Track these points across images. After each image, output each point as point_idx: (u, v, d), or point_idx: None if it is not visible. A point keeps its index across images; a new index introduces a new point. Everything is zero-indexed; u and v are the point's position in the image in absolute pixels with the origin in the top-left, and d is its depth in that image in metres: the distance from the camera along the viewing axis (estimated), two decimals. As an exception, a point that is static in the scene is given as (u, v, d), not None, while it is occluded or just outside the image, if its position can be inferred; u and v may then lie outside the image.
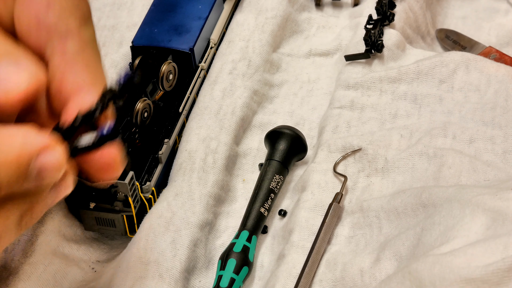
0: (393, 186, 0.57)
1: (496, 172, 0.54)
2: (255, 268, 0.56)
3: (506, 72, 0.62)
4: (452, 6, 0.76)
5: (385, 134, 0.60)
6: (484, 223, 0.46)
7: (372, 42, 0.64)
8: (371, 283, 0.50)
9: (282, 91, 0.68)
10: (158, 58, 0.61)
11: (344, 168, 0.59)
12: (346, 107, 0.62)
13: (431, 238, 0.48)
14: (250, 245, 0.55)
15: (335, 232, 0.56)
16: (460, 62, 0.63)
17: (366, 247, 0.53)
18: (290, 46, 0.71)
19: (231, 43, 0.68)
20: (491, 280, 0.41)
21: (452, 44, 0.71)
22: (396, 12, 0.69)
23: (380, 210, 0.54)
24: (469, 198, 0.48)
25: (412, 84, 0.63)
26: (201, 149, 0.60)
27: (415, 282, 0.44)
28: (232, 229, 0.58)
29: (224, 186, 0.60)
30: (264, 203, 0.57)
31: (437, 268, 0.43)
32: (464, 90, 0.62)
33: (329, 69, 0.69)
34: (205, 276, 0.55)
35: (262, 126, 0.65)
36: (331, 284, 0.52)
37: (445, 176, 0.55)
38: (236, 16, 0.70)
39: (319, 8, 0.75)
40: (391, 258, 0.50)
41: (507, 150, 0.57)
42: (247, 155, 0.63)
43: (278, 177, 0.58)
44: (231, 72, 0.65)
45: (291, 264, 0.53)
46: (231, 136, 0.61)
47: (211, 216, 0.58)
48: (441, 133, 0.58)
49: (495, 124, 0.59)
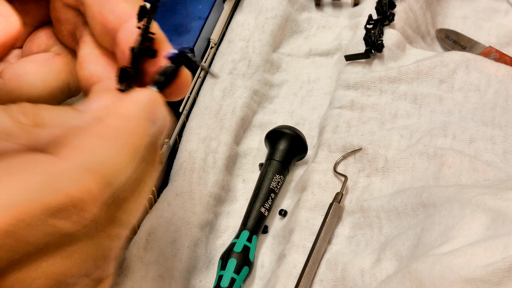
0: (393, 185, 0.57)
1: (496, 172, 0.54)
2: (256, 268, 0.56)
3: (506, 72, 0.62)
4: (452, 6, 0.76)
5: (385, 134, 0.60)
6: (484, 223, 0.46)
7: (372, 42, 0.64)
8: (371, 283, 0.50)
9: (282, 91, 0.68)
10: None
11: (344, 168, 0.59)
12: (346, 107, 0.62)
13: (431, 238, 0.48)
14: (251, 245, 0.55)
15: (336, 232, 0.56)
16: (460, 62, 0.63)
17: (366, 247, 0.53)
18: (290, 46, 0.71)
19: (231, 43, 0.68)
20: (491, 280, 0.41)
21: (452, 44, 0.71)
22: (396, 12, 0.69)
23: (380, 210, 0.54)
24: (469, 198, 0.48)
25: (412, 84, 0.63)
26: (201, 149, 0.60)
27: (415, 282, 0.44)
28: (232, 229, 0.58)
29: (224, 186, 0.60)
30: (264, 203, 0.57)
31: (437, 268, 0.43)
32: (464, 90, 0.62)
33: (329, 69, 0.69)
34: (205, 276, 0.55)
35: (262, 126, 0.65)
36: (331, 284, 0.52)
37: (445, 176, 0.55)
38: (236, 16, 0.70)
39: (319, 8, 0.75)
40: (391, 258, 0.50)
41: (507, 150, 0.57)
42: (247, 155, 0.63)
43: (279, 177, 0.59)
44: (231, 72, 0.65)
45: (291, 264, 0.53)
46: (231, 136, 0.61)
47: (211, 216, 0.58)
48: (441, 133, 0.58)
49: (495, 124, 0.59)
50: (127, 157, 0.35)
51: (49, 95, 0.47)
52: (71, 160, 0.33)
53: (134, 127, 0.35)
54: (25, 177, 0.31)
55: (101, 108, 0.37)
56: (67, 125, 0.35)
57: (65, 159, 0.33)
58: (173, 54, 0.38)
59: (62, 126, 0.35)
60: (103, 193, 0.33)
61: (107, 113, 0.35)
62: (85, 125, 0.35)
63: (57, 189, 0.32)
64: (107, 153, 0.34)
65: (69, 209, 0.32)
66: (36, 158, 0.33)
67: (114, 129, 0.35)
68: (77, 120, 0.36)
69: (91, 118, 0.36)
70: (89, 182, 0.33)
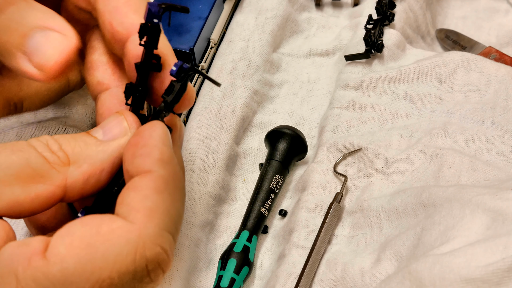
0: (393, 185, 0.57)
1: (496, 172, 0.55)
2: (256, 268, 0.56)
3: (506, 72, 0.62)
4: (452, 6, 0.76)
5: (385, 134, 0.60)
6: (484, 223, 0.46)
7: (372, 42, 0.64)
8: (371, 283, 0.50)
9: (282, 91, 0.68)
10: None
11: (344, 168, 0.59)
12: (346, 107, 0.62)
13: (431, 238, 0.48)
14: (251, 245, 0.55)
15: (336, 232, 0.56)
16: (460, 62, 0.63)
17: (366, 247, 0.53)
18: (290, 46, 0.71)
19: (231, 43, 0.68)
20: (491, 280, 0.41)
21: (452, 44, 0.71)
22: (396, 12, 0.69)
23: (380, 210, 0.54)
24: (469, 198, 0.48)
25: (412, 84, 0.63)
26: (201, 149, 0.60)
27: (415, 282, 0.44)
28: (232, 229, 0.58)
29: (224, 186, 0.60)
30: (264, 203, 0.57)
31: (437, 268, 0.43)
32: (464, 90, 0.62)
33: (329, 69, 0.69)
34: (205, 276, 0.55)
35: (262, 126, 0.65)
36: (331, 284, 0.52)
37: (445, 176, 0.55)
38: (236, 16, 0.70)
39: (319, 8, 0.75)
40: (391, 258, 0.50)
41: (507, 150, 0.57)
42: (247, 155, 0.63)
43: (279, 177, 0.59)
44: (231, 72, 0.65)
45: (291, 264, 0.53)
46: (231, 136, 0.61)
47: (211, 216, 0.58)
48: (441, 133, 0.58)
49: (495, 124, 0.59)
50: (182, 203, 0.36)
51: (48, 90, 0.47)
52: (147, 225, 0.34)
53: (175, 170, 0.36)
54: (108, 245, 0.33)
55: (121, 141, 0.37)
56: (94, 159, 0.35)
57: (140, 225, 0.34)
58: (176, 71, 0.37)
59: (89, 160, 0.35)
60: (174, 246, 0.35)
61: (148, 162, 0.35)
62: (130, 170, 0.35)
63: (138, 254, 0.33)
64: (173, 207, 0.34)
65: (152, 270, 0.34)
66: (113, 225, 0.33)
67: (167, 180, 0.35)
68: (101, 152, 0.36)
69: (116, 150, 0.36)
70: (163, 242, 0.34)
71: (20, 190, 0.34)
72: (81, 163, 0.35)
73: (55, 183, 0.35)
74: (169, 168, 0.35)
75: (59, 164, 0.35)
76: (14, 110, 0.47)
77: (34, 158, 0.34)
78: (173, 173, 0.35)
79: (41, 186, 0.34)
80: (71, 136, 0.36)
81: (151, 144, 0.35)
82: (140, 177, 0.35)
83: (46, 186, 0.34)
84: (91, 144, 0.36)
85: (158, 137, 0.36)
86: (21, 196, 0.34)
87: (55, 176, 0.35)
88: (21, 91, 0.46)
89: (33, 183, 0.34)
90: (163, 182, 0.34)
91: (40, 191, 0.34)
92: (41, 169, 0.34)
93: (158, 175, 0.34)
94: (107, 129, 0.38)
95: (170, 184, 0.35)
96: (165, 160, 0.35)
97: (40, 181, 0.34)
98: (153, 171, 0.34)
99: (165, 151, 0.35)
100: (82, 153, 0.36)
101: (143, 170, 0.35)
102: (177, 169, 0.36)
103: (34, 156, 0.34)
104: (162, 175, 0.35)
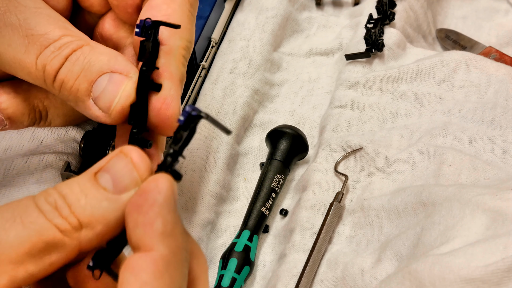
0: (394, 184, 0.57)
1: (496, 171, 0.55)
2: (257, 267, 0.56)
3: (506, 72, 0.62)
4: (452, 6, 0.76)
5: (385, 134, 0.60)
6: (484, 223, 0.46)
7: (373, 41, 0.64)
8: (371, 283, 0.50)
9: (282, 90, 0.68)
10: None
11: (345, 167, 0.59)
12: (347, 106, 0.63)
13: (431, 237, 0.48)
14: (252, 245, 0.55)
15: (336, 232, 0.56)
16: (461, 62, 0.63)
17: (367, 246, 0.53)
18: (291, 45, 0.71)
19: (232, 42, 0.68)
20: (491, 280, 0.41)
21: (452, 44, 0.71)
22: (396, 11, 0.69)
23: (380, 209, 0.54)
24: (469, 198, 0.48)
25: (413, 84, 0.63)
26: (202, 148, 0.60)
27: (415, 282, 0.44)
28: (233, 229, 0.58)
29: (225, 185, 0.60)
30: (265, 203, 0.57)
31: (437, 268, 0.43)
32: (464, 89, 0.62)
33: (330, 68, 0.69)
34: (206, 275, 0.55)
35: (263, 125, 0.65)
36: (332, 283, 0.52)
37: (445, 174, 0.55)
38: (237, 15, 0.71)
39: (320, 7, 0.75)
40: (391, 258, 0.50)
41: (507, 150, 0.57)
42: (248, 154, 0.63)
43: (279, 176, 0.59)
44: (232, 71, 0.65)
45: (292, 264, 0.54)
46: (232, 135, 0.62)
47: (212, 215, 0.58)
48: (441, 133, 0.59)
49: (495, 123, 0.59)
50: (184, 279, 0.35)
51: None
52: None
53: (177, 244, 0.34)
54: None
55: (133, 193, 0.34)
56: (108, 219, 0.34)
57: None
58: (184, 121, 0.34)
59: (103, 221, 0.33)
60: None
61: (150, 235, 0.33)
62: (132, 238, 0.33)
63: None
64: (173, 286, 0.33)
65: None
66: None
67: (169, 260, 0.33)
68: (114, 211, 0.34)
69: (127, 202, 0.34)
70: None
71: (33, 266, 0.33)
72: (94, 225, 0.33)
73: (68, 250, 0.33)
74: (172, 243, 0.33)
75: (71, 231, 0.33)
76: (39, 118, 0.47)
77: (46, 229, 0.33)
78: (175, 247, 0.33)
79: (54, 256, 0.33)
80: (80, 190, 0.34)
81: (155, 211, 0.33)
82: (140, 256, 0.33)
83: (59, 254, 0.33)
84: (102, 200, 0.34)
85: (163, 201, 0.33)
86: (34, 270, 0.33)
87: (68, 243, 0.33)
88: (46, 98, 0.46)
89: (46, 255, 0.33)
90: (165, 263, 0.32)
91: (53, 260, 0.33)
92: (53, 240, 0.33)
93: (159, 255, 0.32)
94: (117, 179, 0.34)
95: (171, 263, 0.33)
96: (168, 233, 0.33)
97: (52, 251, 0.33)
98: (154, 250, 0.32)
99: (168, 221, 0.33)
100: (94, 213, 0.33)
101: (143, 245, 0.33)
102: (180, 241, 0.34)
103: (46, 227, 0.33)
104: (164, 255, 0.32)
